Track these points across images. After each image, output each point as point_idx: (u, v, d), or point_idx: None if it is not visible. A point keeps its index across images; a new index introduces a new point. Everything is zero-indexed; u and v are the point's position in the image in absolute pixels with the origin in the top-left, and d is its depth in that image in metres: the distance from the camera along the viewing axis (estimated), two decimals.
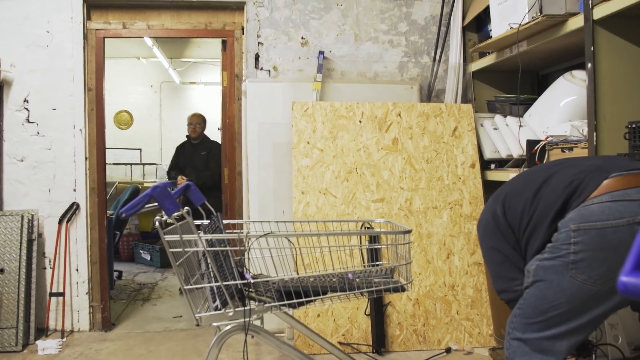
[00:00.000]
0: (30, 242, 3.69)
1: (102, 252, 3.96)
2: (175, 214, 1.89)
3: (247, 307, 1.97)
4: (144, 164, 9.25)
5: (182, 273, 1.93)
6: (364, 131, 3.65)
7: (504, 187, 1.94)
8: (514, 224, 1.81)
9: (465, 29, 4.09)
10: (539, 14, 2.91)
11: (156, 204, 1.89)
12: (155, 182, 8.46)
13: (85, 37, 3.90)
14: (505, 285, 1.86)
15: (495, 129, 3.73)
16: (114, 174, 8.31)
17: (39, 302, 3.75)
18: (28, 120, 3.84)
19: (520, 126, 3.44)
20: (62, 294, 3.80)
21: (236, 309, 1.96)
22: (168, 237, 1.87)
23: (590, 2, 2.59)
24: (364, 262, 2.69)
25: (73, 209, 3.83)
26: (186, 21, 4.05)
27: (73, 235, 3.85)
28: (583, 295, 1.61)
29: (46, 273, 3.84)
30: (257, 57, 3.98)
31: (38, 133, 3.84)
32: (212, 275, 1.95)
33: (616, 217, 1.55)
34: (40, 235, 3.82)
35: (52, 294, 3.79)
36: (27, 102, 3.83)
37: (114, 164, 8.61)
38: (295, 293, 2.00)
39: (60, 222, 3.81)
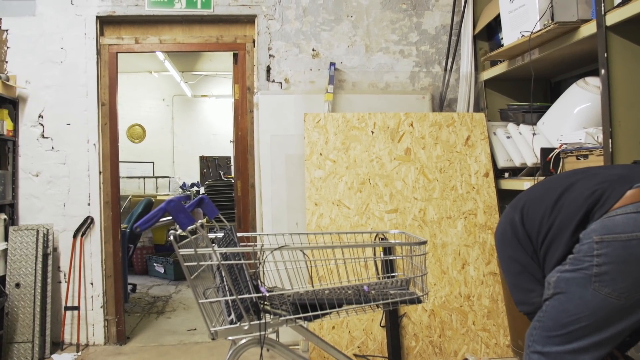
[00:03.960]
0: (45, 256, 3.72)
1: (116, 266, 3.97)
2: (190, 227, 1.89)
3: (263, 321, 1.96)
4: (156, 177, 9.31)
5: (196, 287, 1.92)
6: (376, 142, 3.65)
7: (523, 195, 1.91)
8: (532, 233, 1.78)
9: (476, 38, 4.08)
10: (550, 22, 2.89)
11: (170, 217, 1.89)
12: (168, 195, 8.50)
13: (98, 52, 3.94)
14: (522, 296, 1.83)
15: (508, 137, 3.70)
16: (127, 188, 8.37)
17: (54, 316, 3.77)
18: (43, 136, 3.88)
19: (534, 134, 3.42)
20: (77, 308, 3.82)
21: (251, 323, 1.95)
22: (182, 251, 1.87)
23: (602, 8, 2.57)
24: (378, 274, 2.67)
25: (87, 223, 3.85)
26: (197, 35, 4.08)
27: (87, 249, 3.88)
28: (607, 309, 1.56)
29: (61, 287, 3.86)
30: (268, 69, 4.00)
31: (53, 148, 3.88)
32: (227, 288, 1.94)
33: None
34: (55, 249, 3.85)
35: (67, 308, 3.81)
36: (42, 117, 3.88)
37: (127, 177, 8.68)
38: (310, 306, 1.99)
39: (74, 236, 3.84)
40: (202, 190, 8.98)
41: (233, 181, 5.88)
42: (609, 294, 1.55)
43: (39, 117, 3.87)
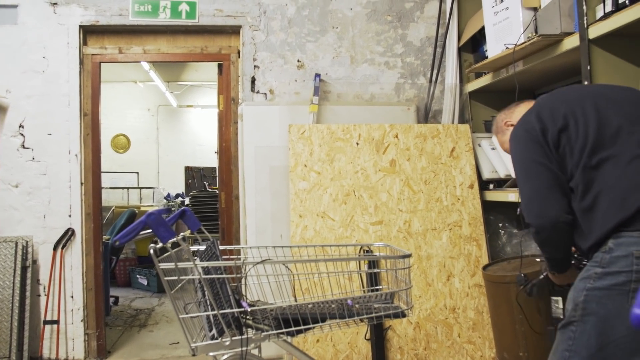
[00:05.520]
0: (24, 269, 3.64)
1: (97, 279, 3.90)
2: (170, 240, 1.85)
3: (244, 336, 1.93)
4: (141, 188, 9.22)
5: (177, 300, 1.88)
6: (361, 153, 3.63)
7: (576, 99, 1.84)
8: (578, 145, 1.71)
9: (460, 50, 4.09)
10: (534, 34, 2.91)
11: (150, 230, 1.85)
12: (152, 205, 8.42)
13: (81, 62, 3.90)
14: (557, 205, 1.71)
15: (493, 148, 3.71)
16: (110, 198, 8.27)
17: (32, 330, 3.69)
18: (23, 146, 3.81)
19: None
20: (57, 322, 3.74)
21: (233, 338, 1.92)
22: (163, 265, 1.83)
23: (585, 22, 2.60)
24: (362, 287, 2.64)
25: (68, 235, 3.78)
26: (182, 45, 4.05)
27: (68, 261, 3.80)
28: None
29: (40, 300, 3.78)
30: (253, 80, 3.98)
31: (33, 158, 3.82)
32: (208, 303, 1.91)
33: None
34: (34, 262, 3.77)
35: (46, 322, 3.73)
36: (23, 127, 3.82)
37: (111, 187, 8.58)
38: (293, 320, 1.96)
39: (55, 248, 3.76)
40: (186, 201, 8.91)
41: (218, 192, 5.84)
42: None
43: (20, 127, 3.81)
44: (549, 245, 1.81)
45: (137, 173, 9.76)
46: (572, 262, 1.95)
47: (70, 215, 3.82)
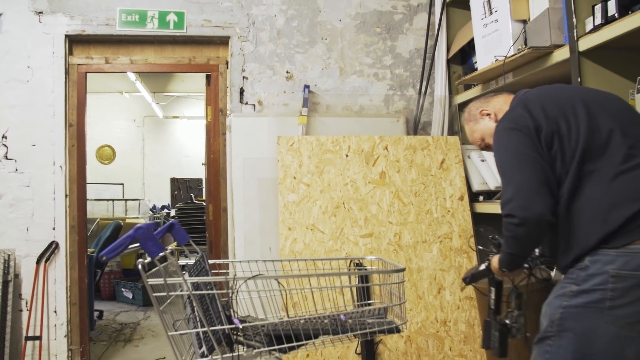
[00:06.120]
0: (5, 283, 3.55)
1: (82, 293, 3.82)
2: (159, 255, 1.80)
3: (235, 353, 1.88)
4: (126, 200, 9.11)
5: (166, 317, 1.83)
6: (350, 165, 3.61)
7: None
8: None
9: (449, 62, 4.10)
10: (524, 46, 2.92)
11: (138, 244, 1.80)
12: (137, 217, 8.32)
13: (66, 72, 3.83)
14: (546, 203, 1.63)
15: (482, 160, 3.70)
16: (95, 210, 8.16)
17: (13, 346, 3.59)
18: (6, 157, 3.73)
19: None
20: (39, 338, 3.64)
21: (224, 355, 1.86)
22: (152, 281, 1.78)
23: (575, 34, 2.61)
24: (354, 301, 2.60)
25: (52, 248, 3.70)
26: (170, 56, 4.01)
27: (52, 275, 3.72)
28: (621, 345, 1.50)
29: (22, 315, 3.68)
30: (241, 91, 3.95)
31: (16, 170, 3.74)
32: (197, 319, 1.85)
33: None
34: (16, 276, 3.68)
35: (28, 338, 3.63)
36: (6, 138, 3.74)
37: (96, 199, 8.47)
38: (286, 337, 1.91)
39: (38, 262, 3.68)
40: (172, 212, 8.82)
41: (205, 204, 5.78)
42: (622, 327, 1.49)
43: (3, 137, 3.73)
44: (522, 242, 1.70)
45: (122, 184, 9.65)
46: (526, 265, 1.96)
47: (54, 228, 3.74)
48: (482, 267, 2.14)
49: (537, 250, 1.97)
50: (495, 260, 1.95)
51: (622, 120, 1.70)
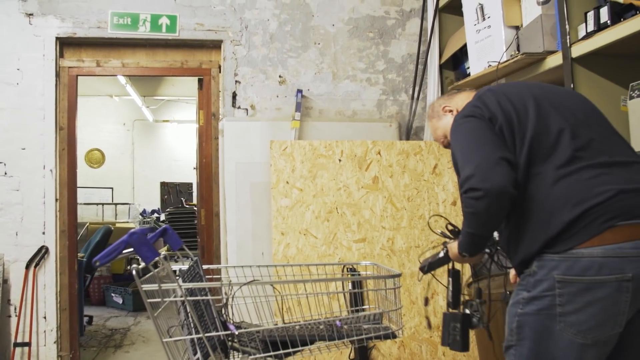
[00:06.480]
0: None
1: (72, 298, 3.78)
2: (153, 261, 1.78)
3: None
4: (116, 204, 9.04)
5: (160, 323, 1.81)
6: (343, 170, 3.60)
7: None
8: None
9: (442, 67, 4.10)
10: (517, 52, 2.93)
11: (132, 249, 1.78)
12: (127, 222, 8.25)
13: (57, 75, 3.80)
14: (508, 175, 1.57)
15: None
16: (84, 214, 8.08)
17: (1, 353, 3.54)
18: None
19: None
20: (28, 344, 3.59)
21: None
22: (146, 287, 1.76)
23: (568, 41, 2.62)
24: (347, 307, 2.59)
25: (42, 253, 3.65)
26: (162, 59, 3.99)
27: (41, 280, 3.67)
28: (579, 353, 1.51)
29: (11, 321, 3.63)
30: (234, 95, 3.93)
31: (6, 173, 3.69)
32: (192, 325, 1.84)
33: (605, 274, 1.46)
34: (5, 281, 3.62)
35: (16, 344, 3.57)
36: None
37: (85, 203, 8.39)
38: (281, 343, 1.90)
39: (27, 267, 3.63)
40: (162, 217, 8.77)
41: (195, 208, 5.75)
42: (576, 335, 1.49)
43: None
44: (482, 217, 1.61)
45: (112, 188, 9.59)
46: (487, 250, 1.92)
47: (44, 233, 3.69)
48: (441, 254, 2.07)
49: (496, 234, 1.89)
50: (454, 245, 1.88)
51: (575, 121, 1.67)
